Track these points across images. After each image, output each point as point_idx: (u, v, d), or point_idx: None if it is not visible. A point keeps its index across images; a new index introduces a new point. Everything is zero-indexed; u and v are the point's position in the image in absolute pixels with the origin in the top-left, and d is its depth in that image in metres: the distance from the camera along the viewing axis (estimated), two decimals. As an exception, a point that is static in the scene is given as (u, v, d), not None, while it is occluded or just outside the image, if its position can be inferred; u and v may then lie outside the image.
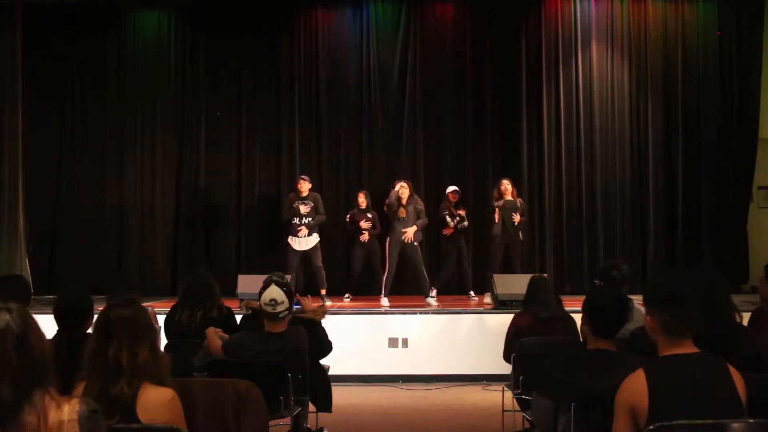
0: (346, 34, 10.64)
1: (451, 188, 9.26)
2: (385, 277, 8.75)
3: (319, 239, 9.05)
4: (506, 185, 8.97)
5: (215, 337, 4.37)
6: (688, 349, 2.61)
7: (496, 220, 8.90)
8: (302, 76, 10.58)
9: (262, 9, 10.49)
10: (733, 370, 2.58)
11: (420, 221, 8.74)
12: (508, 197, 8.92)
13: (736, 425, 2.45)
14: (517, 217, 8.86)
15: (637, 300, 4.31)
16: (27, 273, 9.45)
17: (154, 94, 10.62)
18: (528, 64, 10.45)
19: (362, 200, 9.32)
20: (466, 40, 10.54)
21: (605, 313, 3.16)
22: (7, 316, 1.94)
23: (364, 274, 9.39)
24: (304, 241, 8.96)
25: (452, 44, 10.56)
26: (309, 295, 5.33)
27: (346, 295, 9.30)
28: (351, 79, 10.56)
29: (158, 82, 10.63)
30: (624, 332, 3.52)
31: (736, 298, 7.15)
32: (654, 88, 10.37)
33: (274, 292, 4.19)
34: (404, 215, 8.63)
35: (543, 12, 10.48)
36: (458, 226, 9.01)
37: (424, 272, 8.75)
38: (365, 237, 9.08)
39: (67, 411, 1.92)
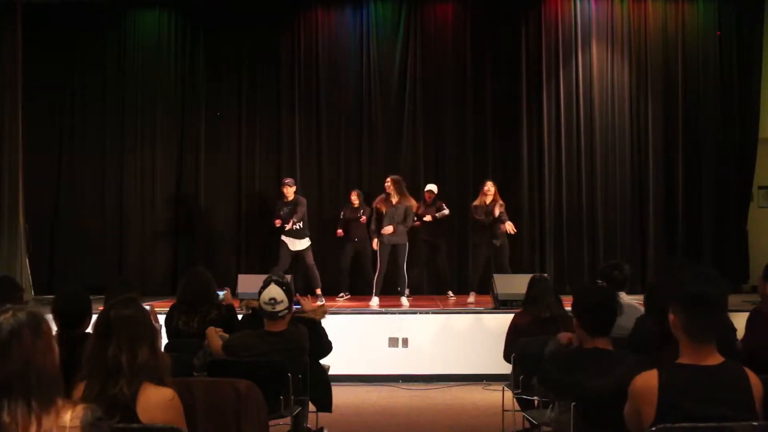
0: (346, 34, 10.64)
1: (427, 187, 9.32)
2: (375, 277, 8.73)
3: (309, 242, 9.09)
4: (489, 186, 8.87)
5: (216, 336, 4.37)
6: (711, 358, 2.46)
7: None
8: (302, 76, 10.58)
9: (262, 9, 10.49)
10: (753, 380, 2.46)
11: (406, 222, 8.63)
12: (489, 200, 8.79)
13: (738, 427, 2.41)
14: (497, 242, 8.75)
15: (636, 299, 4.33)
16: (27, 273, 9.46)
17: (154, 93, 10.61)
18: (528, 64, 10.45)
19: (354, 199, 9.38)
20: (466, 40, 10.53)
21: (599, 312, 3.18)
22: (5, 318, 1.93)
23: (355, 274, 9.43)
24: (298, 242, 8.98)
25: (452, 44, 10.56)
26: (309, 295, 5.34)
27: (341, 294, 9.32)
28: (351, 79, 10.56)
29: (158, 82, 10.63)
30: (619, 330, 3.53)
31: (737, 298, 7.16)
32: (654, 88, 10.36)
33: (274, 291, 4.19)
34: (386, 210, 8.54)
35: (543, 12, 10.48)
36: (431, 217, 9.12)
37: (404, 271, 8.70)
38: (364, 219, 9.15)
39: (70, 417, 1.89)
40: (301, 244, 9.04)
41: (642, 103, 10.40)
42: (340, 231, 9.38)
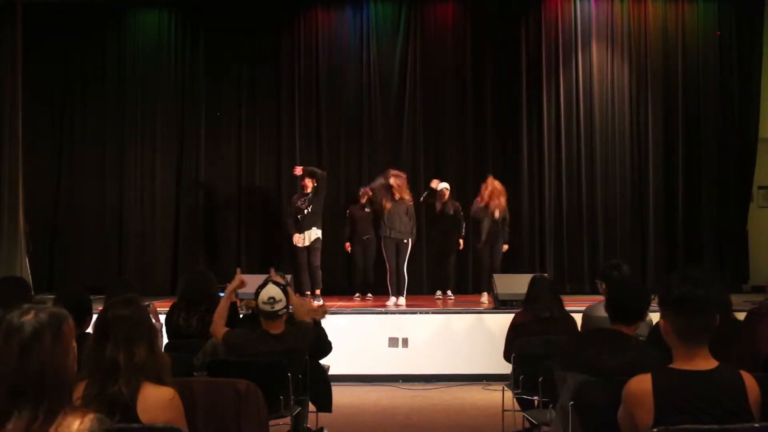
0: (346, 34, 10.64)
1: (441, 185, 9.33)
2: (388, 278, 8.77)
3: (319, 235, 8.96)
4: (488, 183, 8.85)
5: (221, 323, 4.31)
6: (705, 362, 2.43)
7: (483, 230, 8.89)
8: (302, 76, 10.58)
9: (263, 8, 10.50)
10: (748, 382, 2.43)
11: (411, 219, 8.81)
12: (495, 197, 8.77)
13: (740, 429, 2.39)
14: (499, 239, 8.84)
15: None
16: (27, 273, 9.45)
17: (154, 93, 10.62)
18: (528, 64, 10.45)
19: (361, 197, 9.38)
20: (466, 40, 10.53)
21: (621, 304, 3.29)
22: (27, 319, 1.88)
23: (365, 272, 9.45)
24: (306, 236, 8.91)
25: (452, 44, 10.56)
26: (308, 293, 5.33)
27: (357, 295, 9.33)
28: (351, 79, 10.56)
29: (158, 81, 10.63)
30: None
31: (737, 298, 7.16)
32: (654, 88, 10.36)
33: (272, 290, 4.18)
34: (390, 207, 8.64)
35: (543, 12, 10.48)
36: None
37: (404, 272, 8.74)
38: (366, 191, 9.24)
39: (77, 428, 1.87)
40: (309, 237, 8.86)
41: (642, 103, 10.39)
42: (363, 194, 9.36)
